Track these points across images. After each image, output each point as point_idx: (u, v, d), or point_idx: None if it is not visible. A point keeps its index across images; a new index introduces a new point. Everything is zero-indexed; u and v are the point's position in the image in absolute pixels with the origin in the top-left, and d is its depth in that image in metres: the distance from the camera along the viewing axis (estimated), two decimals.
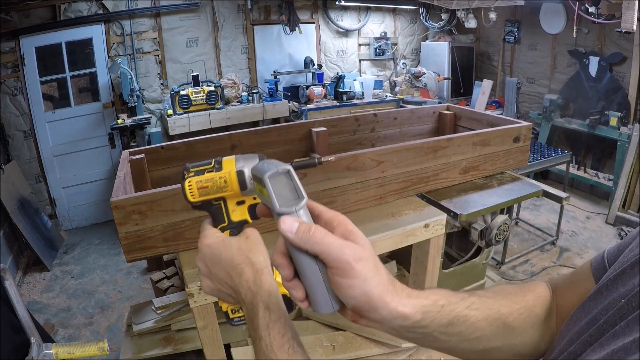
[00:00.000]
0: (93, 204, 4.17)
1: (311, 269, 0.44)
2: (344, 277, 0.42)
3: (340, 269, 0.42)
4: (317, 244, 0.42)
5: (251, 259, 0.55)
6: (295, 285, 0.46)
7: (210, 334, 1.30)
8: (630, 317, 0.35)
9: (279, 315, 0.51)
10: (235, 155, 0.58)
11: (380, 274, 0.43)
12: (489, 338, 0.51)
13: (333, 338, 1.71)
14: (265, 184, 0.47)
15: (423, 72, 4.93)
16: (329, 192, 1.57)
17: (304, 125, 2.27)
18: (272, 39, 4.65)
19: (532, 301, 0.55)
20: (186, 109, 3.93)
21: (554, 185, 3.71)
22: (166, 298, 1.87)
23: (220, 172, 0.57)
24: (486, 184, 1.93)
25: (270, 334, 0.49)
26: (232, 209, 0.60)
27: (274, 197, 0.46)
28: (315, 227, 0.43)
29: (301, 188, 0.47)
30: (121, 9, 3.86)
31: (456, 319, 0.48)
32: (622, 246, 0.48)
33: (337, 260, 0.42)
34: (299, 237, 0.43)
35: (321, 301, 0.45)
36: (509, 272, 3.07)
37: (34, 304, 2.95)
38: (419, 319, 0.45)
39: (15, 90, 3.66)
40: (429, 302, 0.46)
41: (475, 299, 0.51)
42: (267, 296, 0.52)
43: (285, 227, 0.43)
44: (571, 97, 4.28)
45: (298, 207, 0.46)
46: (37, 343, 1.25)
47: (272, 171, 0.47)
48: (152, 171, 1.90)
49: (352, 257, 0.42)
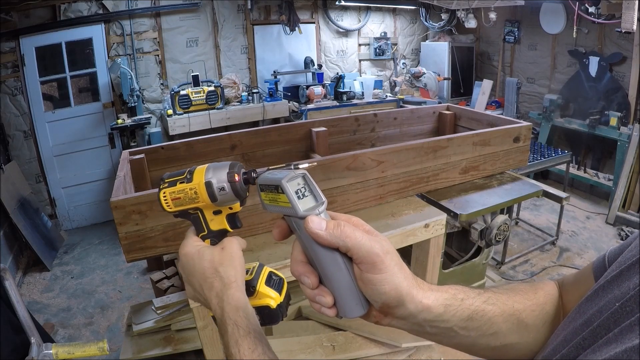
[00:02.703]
0: (93, 204, 4.17)
1: (340, 269, 0.43)
2: (374, 272, 0.42)
3: (371, 263, 0.42)
4: (348, 238, 0.42)
5: (220, 273, 0.55)
6: (322, 291, 0.45)
7: (210, 334, 1.30)
8: (623, 324, 0.35)
9: (248, 331, 0.50)
10: (207, 165, 0.57)
11: (404, 269, 0.44)
12: (505, 334, 0.51)
13: (333, 338, 1.71)
14: (284, 189, 0.45)
15: (423, 72, 4.93)
16: (329, 192, 1.57)
17: (304, 125, 2.27)
18: (272, 39, 4.65)
19: (543, 299, 0.55)
20: (186, 109, 3.93)
21: (554, 185, 3.71)
22: (166, 298, 1.86)
23: (190, 184, 0.57)
24: (486, 184, 1.93)
25: (240, 350, 0.48)
26: (210, 218, 0.59)
27: (295, 202, 0.45)
28: (344, 223, 0.43)
29: (319, 191, 0.47)
30: (121, 9, 3.87)
31: (475, 313, 0.48)
32: (623, 247, 0.47)
33: (368, 254, 0.42)
34: (329, 234, 0.43)
35: (352, 303, 0.44)
36: (509, 272, 3.07)
37: (34, 304, 2.95)
38: (441, 311, 0.45)
39: (15, 90, 3.66)
40: (449, 295, 0.47)
41: (490, 294, 0.51)
42: (234, 312, 0.51)
43: (314, 225, 0.43)
44: (571, 97, 4.28)
45: (320, 209, 0.45)
46: (37, 343, 1.25)
47: (289, 176, 0.46)
48: (152, 171, 1.90)
49: (381, 250, 0.42)
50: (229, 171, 0.55)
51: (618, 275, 0.41)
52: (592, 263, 0.53)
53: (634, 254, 0.41)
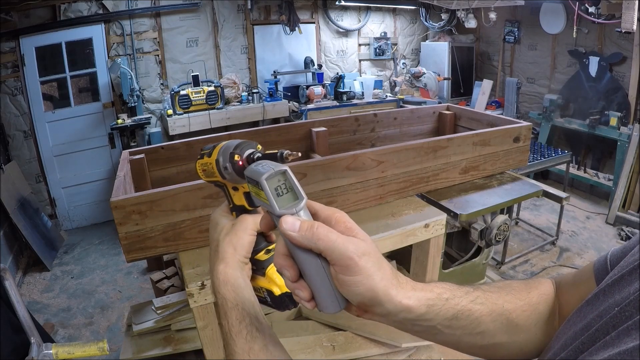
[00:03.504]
0: (93, 204, 4.17)
1: (315, 269, 0.44)
2: (348, 274, 0.42)
3: (344, 265, 0.41)
4: (321, 241, 0.42)
5: (219, 246, 0.56)
6: (300, 286, 0.45)
7: (210, 334, 1.30)
8: (621, 327, 0.35)
9: (236, 303, 0.51)
10: (227, 142, 0.59)
11: (383, 268, 0.43)
12: (493, 333, 0.51)
13: (333, 338, 1.71)
14: (262, 187, 0.45)
15: (423, 72, 4.93)
16: (329, 192, 1.57)
17: (304, 125, 2.27)
18: (272, 39, 4.65)
19: (536, 298, 0.55)
20: (186, 109, 3.93)
21: (554, 185, 3.71)
22: (166, 298, 1.86)
23: (209, 159, 0.59)
24: (486, 184, 1.93)
25: (228, 321, 0.50)
26: (232, 193, 0.61)
27: (272, 200, 0.45)
28: (318, 224, 0.43)
29: (299, 188, 0.46)
30: (121, 9, 3.87)
31: (460, 313, 0.48)
32: (626, 249, 0.47)
33: (341, 257, 0.41)
34: (302, 235, 0.42)
35: (327, 300, 0.44)
36: (509, 272, 3.07)
37: (34, 304, 2.95)
38: (423, 312, 0.45)
39: (15, 90, 3.66)
40: (434, 295, 0.46)
41: (479, 294, 0.51)
42: (222, 285, 0.53)
43: (287, 227, 0.43)
44: (571, 97, 4.28)
45: (298, 207, 0.45)
46: (37, 343, 1.25)
47: (269, 172, 0.46)
48: (152, 171, 1.90)
49: (355, 252, 0.41)
50: (232, 151, 0.56)
51: (619, 280, 0.41)
52: (593, 264, 0.53)
53: (636, 259, 0.41)
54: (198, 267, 1.31)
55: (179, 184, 1.35)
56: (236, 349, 0.48)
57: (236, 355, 0.48)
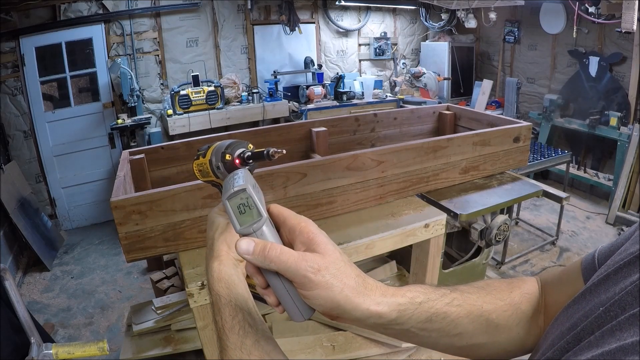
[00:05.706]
0: (93, 204, 4.17)
1: (275, 284, 0.45)
2: (305, 289, 0.43)
3: (300, 282, 0.43)
4: (273, 263, 0.43)
5: (214, 244, 0.57)
6: (268, 292, 0.47)
7: (210, 334, 1.30)
8: (605, 327, 0.34)
9: (229, 299, 0.52)
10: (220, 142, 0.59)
11: (342, 280, 0.43)
12: (472, 334, 0.51)
13: (333, 338, 1.71)
14: (225, 207, 0.47)
15: (423, 72, 4.93)
16: (329, 192, 1.57)
17: (304, 125, 2.27)
18: (272, 39, 4.65)
19: (518, 298, 0.54)
20: (186, 109, 3.93)
21: (554, 185, 3.71)
22: (166, 298, 1.86)
23: (204, 159, 0.60)
24: (486, 184, 1.93)
25: (222, 317, 0.51)
26: None
27: (234, 219, 0.47)
28: (270, 246, 0.44)
29: (260, 205, 0.47)
30: (121, 9, 3.87)
31: (435, 316, 0.48)
32: (613, 246, 0.47)
33: (295, 275, 0.42)
34: (255, 258, 0.44)
35: (292, 311, 0.46)
36: (509, 272, 3.07)
37: (34, 304, 2.95)
38: (394, 317, 0.45)
39: (15, 90, 3.66)
40: (406, 299, 0.46)
41: (457, 295, 0.50)
42: (216, 282, 0.54)
43: (242, 250, 0.44)
44: (571, 97, 4.28)
45: (257, 226, 0.46)
46: (37, 343, 1.25)
47: (229, 192, 0.47)
48: (152, 171, 1.90)
49: (309, 270, 0.42)
50: (223, 151, 0.57)
51: (605, 279, 0.41)
52: (580, 262, 0.52)
53: (623, 257, 0.41)
54: (198, 267, 1.31)
55: (179, 184, 1.35)
56: (228, 344, 0.49)
57: (228, 350, 0.48)
